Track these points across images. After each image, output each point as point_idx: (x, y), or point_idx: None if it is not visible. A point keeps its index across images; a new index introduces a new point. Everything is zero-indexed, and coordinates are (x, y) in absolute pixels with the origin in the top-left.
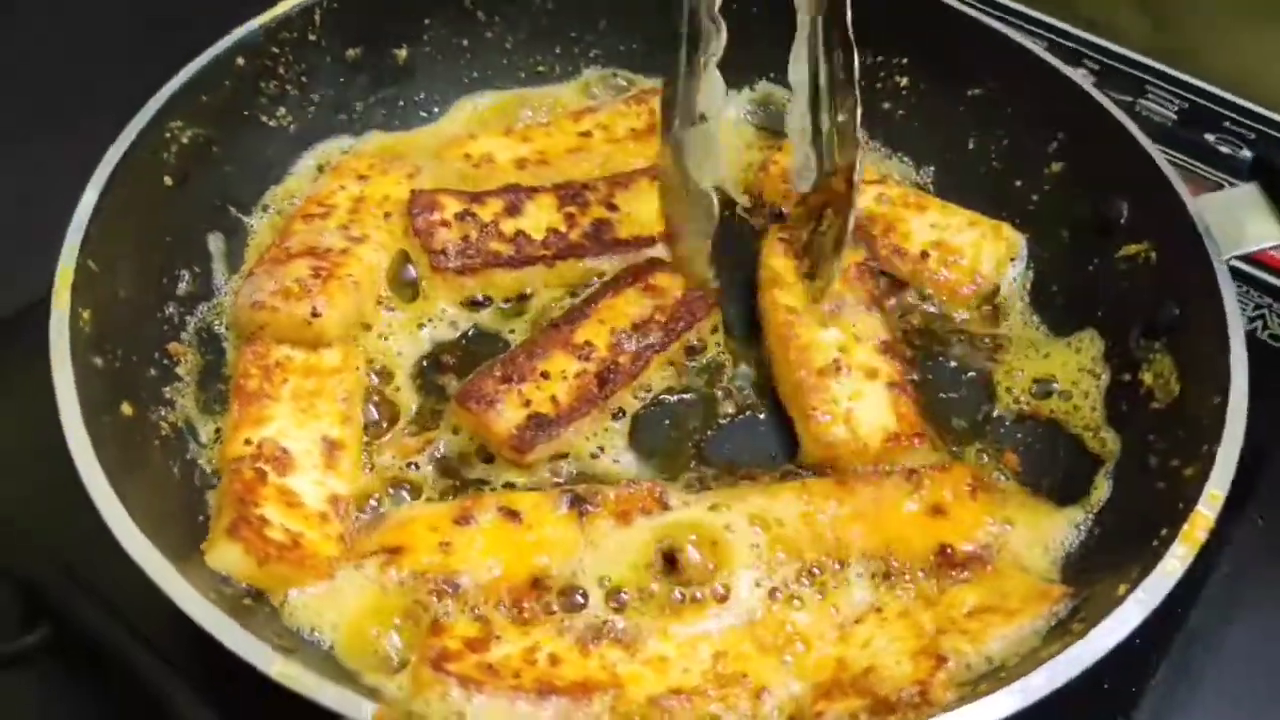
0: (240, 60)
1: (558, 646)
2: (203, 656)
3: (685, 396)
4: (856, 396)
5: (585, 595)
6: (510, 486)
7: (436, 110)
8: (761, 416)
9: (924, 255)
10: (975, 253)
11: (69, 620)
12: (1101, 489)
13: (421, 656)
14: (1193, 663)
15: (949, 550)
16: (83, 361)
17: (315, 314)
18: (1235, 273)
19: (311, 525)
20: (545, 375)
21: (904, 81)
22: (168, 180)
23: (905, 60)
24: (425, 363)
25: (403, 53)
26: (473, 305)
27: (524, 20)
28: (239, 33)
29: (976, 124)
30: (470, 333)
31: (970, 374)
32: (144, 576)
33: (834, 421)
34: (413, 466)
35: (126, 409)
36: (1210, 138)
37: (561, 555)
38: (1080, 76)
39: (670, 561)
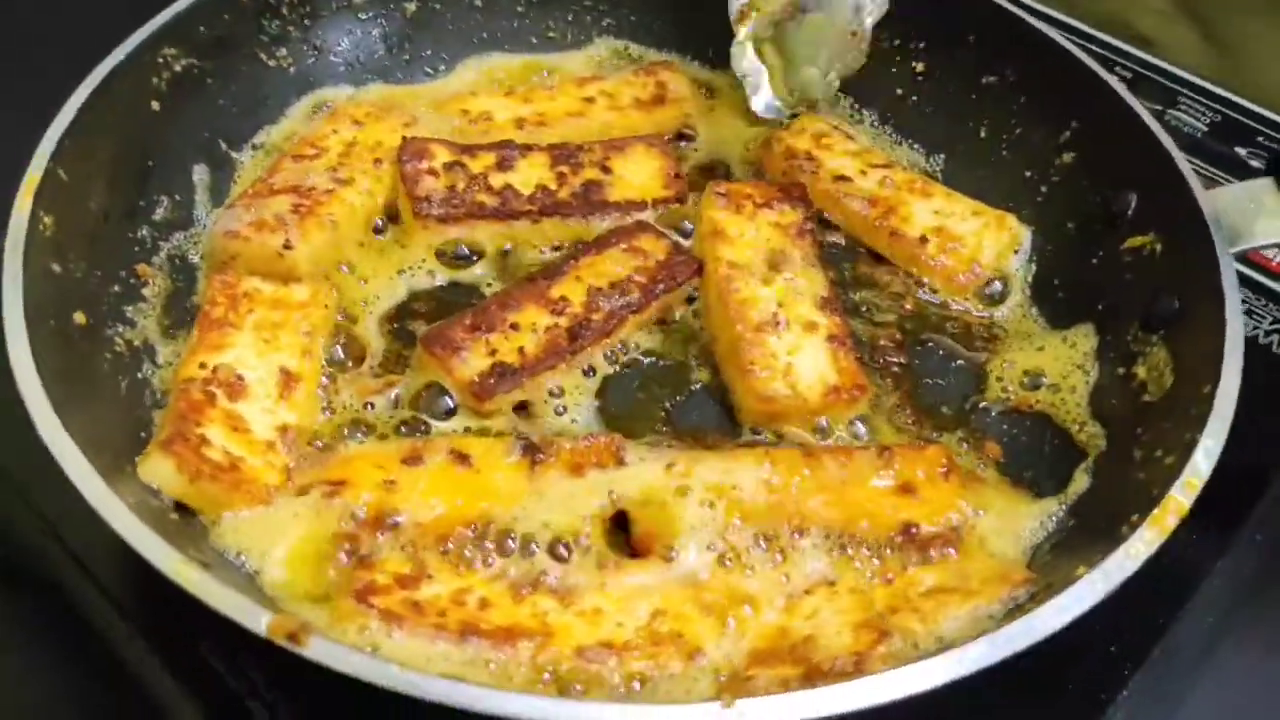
0: None
1: (490, 591)
2: (136, 582)
3: (659, 361)
4: (795, 350)
5: (525, 543)
6: (468, 433)
7: (442, 68)
8: None
9: (923, 240)
10: (976, 242)
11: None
12: (1080, 482)
13: (347, 588)
14: (1170, 679)
15: (914, 529)
16: (37, 264)
17: (288, 246)
18: (1255, 285)
19: (255, 452)
20: (515, 326)
21: (920, 67)
22: (155, 105)
23: (923, 45)
24: (399, 309)
25: (412, 6)
26: (455, 258)
27: None
28: None
29: (990, 112)
30: (448, 284)
31: (960, 362)
32: (71, 484)
33: (773, 376)
34: (370, 407)
35: (80, 318)
36: (1241, 151)
37: (507, 502)
38: (1096, 64)
39: (619, 520)
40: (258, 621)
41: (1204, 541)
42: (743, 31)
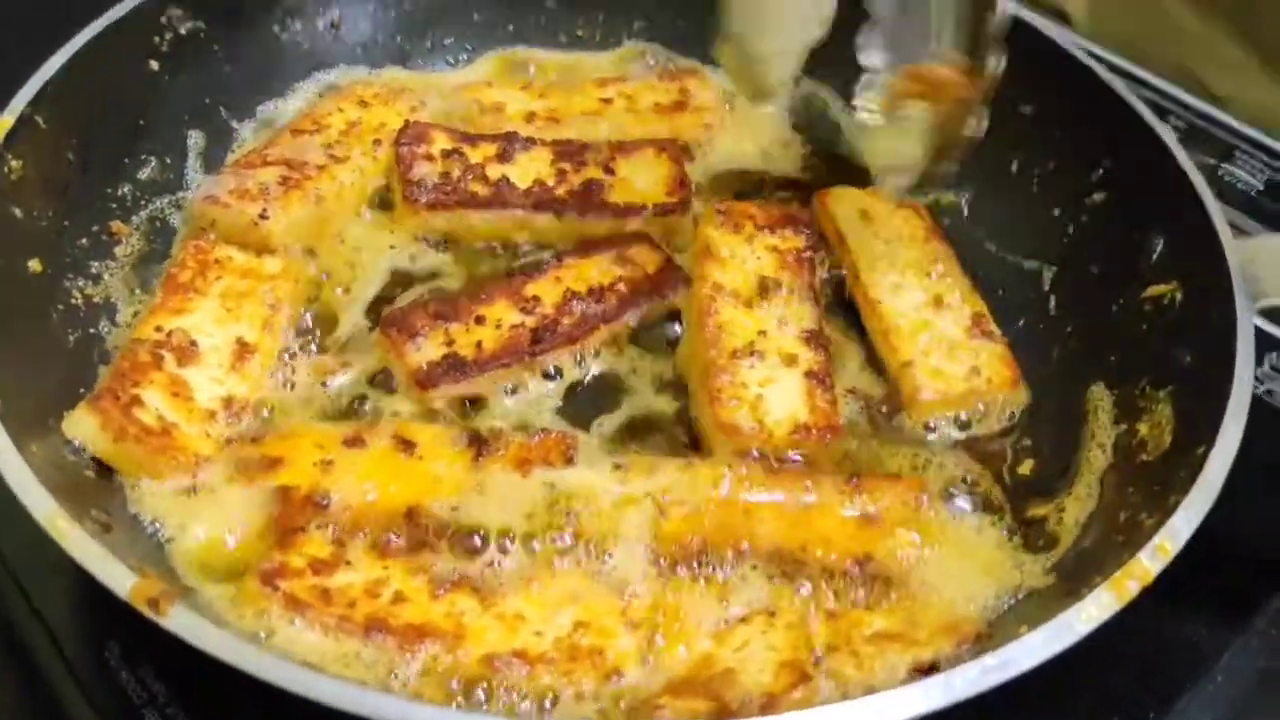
0: None
1: (408, 585)
2: (53, 577)
3: (629, 374)
4: (768, 382)
5: (456, 538)
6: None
7: (463, 58)
8: None
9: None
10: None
11: None
12: (1066, 538)
13: (256, 568)
14: None
15: (869, 563)
16: None
17: (263, 216)
18: None
19: (192, 419)
20: (480, 320)
21: None
22: (154, 64)
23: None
24: (376, 290)
25: None
26: (442, 246)
27: None
28: None
29: (1023, 144)
30: (430, 271)
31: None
32: None
33: (739, 406)
34: (324, 386)
35: (34, 265)
36: None
37: (445, 493)
38: (1136, 101)
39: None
40: (123, 585)
41: (1215, 627)
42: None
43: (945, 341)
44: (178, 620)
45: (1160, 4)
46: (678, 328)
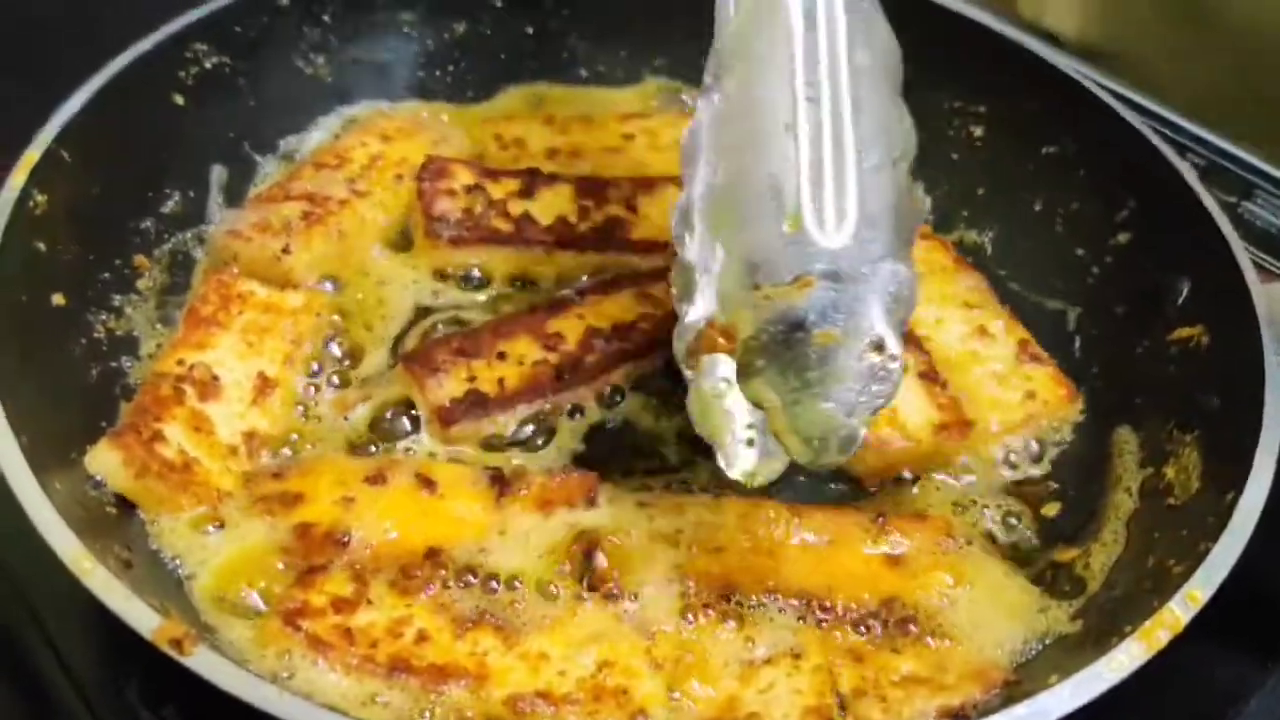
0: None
1: (431, 623)
2: (74, 617)
3: (654, 413)
4: None
5: (479, 578)
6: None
7: (485, 93)
8: None
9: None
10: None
11: None
12: (1092, 583)
13: (277, 607)
14: None
15: (895, 602)
16: (19, 240)
17: (286, 251)
18: None
19: (214, 456)
20: (502, 356)
21: (979, 132)
22: (179, 99)
23: (983, 109)
24: (399, 326)
25: (461, 28)
26: (464, 281)
27: (594, 17)
28: None
29: (1047, 184)
30: (452, 305)
31: None
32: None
33: (877, 421)
34: (345, 419)
35: (58, 299)
36: None
37: (467, 534)
38: (1159, 141)
39: (587, 558)
40: (147, 625)
41: (1245, 669)
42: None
43: (996, 370)
44: (202, 661)
45: (1159, 40)
46: None
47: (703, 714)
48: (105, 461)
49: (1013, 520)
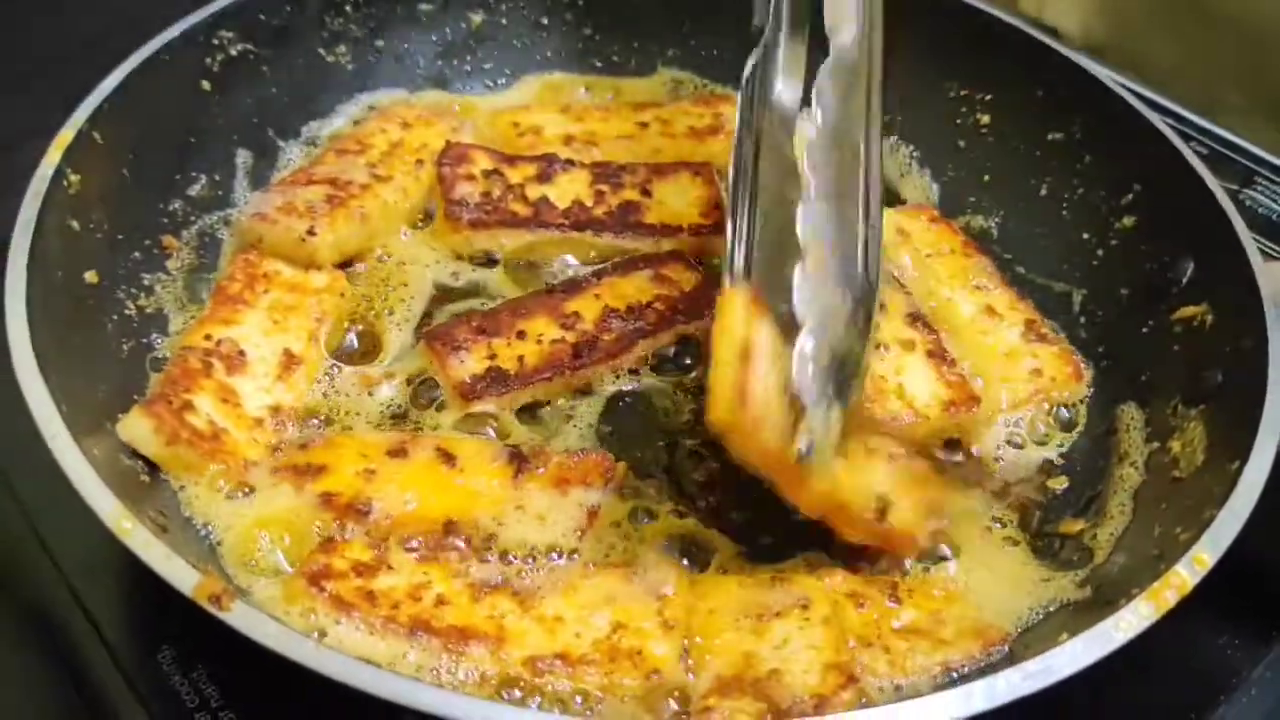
0: None
1: (449, 588)
2: (106, 583)
3: (671, 391)
4: (901, 370)
5: (496, 549)
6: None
7: (502, 82)
8: None
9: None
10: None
11: None
12: (1099, 553)
13: (301, 569)
14: None
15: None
16: (54, 218)
17: (311, 232)
18: None
19: (242, 426)
20: (521, 335)
21: (985, 119)
22: (205, 85)
23: (989, 97)
24: (420, 305)
25: (478, 18)
26: (482, 263)
27: (608, 8)
28: None
29: (1053, 170)
30: (471, 286)
31: None
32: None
33: (887, 397)
34: (369, 395)
35: (90, 277)
36: None
37: (484, 507)
38: (1163, 126)
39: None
40: (187, 582)
41: (1248, 641)
42: None
43: (1004, 348)
44: (240, 616)
45: (1159, 35)
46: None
47: (722, 672)
48: (137, 428)
49: (1020, 493)
